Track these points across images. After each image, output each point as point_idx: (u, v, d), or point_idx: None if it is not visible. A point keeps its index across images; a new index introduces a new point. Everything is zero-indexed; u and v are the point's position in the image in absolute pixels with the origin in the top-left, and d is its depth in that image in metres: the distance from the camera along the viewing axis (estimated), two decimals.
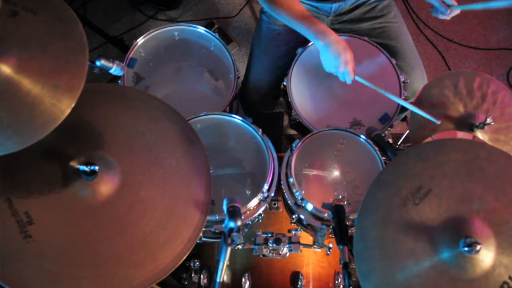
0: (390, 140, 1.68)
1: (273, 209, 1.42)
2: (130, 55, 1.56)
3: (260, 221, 1.36)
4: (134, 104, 1.10)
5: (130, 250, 0.93)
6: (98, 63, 1.15)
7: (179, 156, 1.05)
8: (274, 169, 1.29)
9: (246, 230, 1.36)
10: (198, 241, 1.26)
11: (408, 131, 1.72)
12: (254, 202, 1.24)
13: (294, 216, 1.30)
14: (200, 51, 1.71)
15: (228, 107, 1.53)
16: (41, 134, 0.85)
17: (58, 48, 0.90)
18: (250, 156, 1.51)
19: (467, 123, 1.27)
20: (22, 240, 0.89)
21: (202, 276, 1.39)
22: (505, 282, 0.82)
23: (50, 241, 0.91)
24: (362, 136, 1.34)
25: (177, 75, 1.78)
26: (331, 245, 1.25)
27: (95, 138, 1.01)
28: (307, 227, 1.34)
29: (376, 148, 1.31)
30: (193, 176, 1.04)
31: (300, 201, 1.25)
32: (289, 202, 1.28)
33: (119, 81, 1.52)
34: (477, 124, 1.24)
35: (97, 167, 0.92)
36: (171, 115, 1.10)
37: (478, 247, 0.79)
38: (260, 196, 1.25)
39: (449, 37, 2.58)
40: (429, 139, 1.21)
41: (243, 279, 1.30)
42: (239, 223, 0.97)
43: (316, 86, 1.55)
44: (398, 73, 1.54)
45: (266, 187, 1.26)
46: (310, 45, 1.57)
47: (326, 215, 1.22)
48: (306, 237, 1.40)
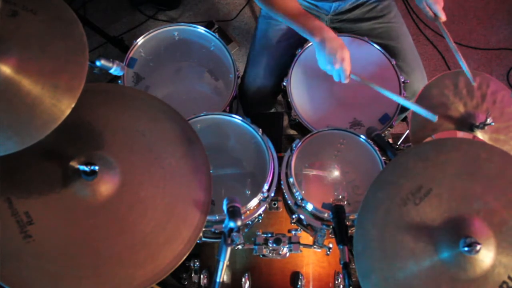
0: (390, 140, 1.68)
1: (273, 209, 1.42)
2: (130, 55, 1.56)
3: (260, 221, 1.35)
4: (134, 104, 1.10)
5: (130, 250, 0.93)
6: (98, 63, 1.15)
7: (179, 156, 1.05)
8: (274, 169, 1.29)
9: (246, 230, 1.36)
10: (198, 241, 1.25)
11: (408, 131, 1.71)
12: (254, 202, 1.24)
13: (294, 216, 1.30)
14: (200, 51, 1.71)
15: (228, 107, 1.53)
16: (41, 134, 0.85)
17: (58, 48, 0.90)
18: (250, 156, 1.51)
19: (467, 123, 1.27)
20: (22, 240, 0.89)
21: (202, 276, 1.39)
22: (504, 282, 0.82)
23: (50, 241, 0.91)
24: (362, 136, 1.34)
25: (177, 75, 1.78)
26: (331, 245, 1.25)
27: (95, 138, 1.01)
28: (307, 227, 1.34)
29: (376, 148, 1.31)
30: (193, 176, 1.04)
31: (300, 201, 1.25)
32: (289, 202, 1.28)
33: (119, 81, 1.52)
34: (477, 124, 1.24)
35: (97, 167, 0.92)
36: (171, 115, 1.10)
37: (478, 247, 0.79)
38: (260, 196, 1.25)
39: None
40: (429, 139, 1.21)
41: (243, 279, 1.30)
42: (239, 223, 0.97)
43: (316, 86, 1.55)
44: (398, 73, 1.54)
45: (266, 187, 1.26)
46: (309, 45, 1.57)
47: (326, 215, 1.22)
48: (306, 237, 1.39)
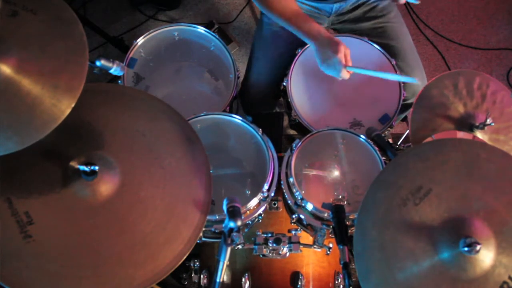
0: (390, 140, 1.68)
1: (273, 209, 1.42)
2: (130, 55, 1.56)
3: (260, 221, 1.36)
4: (134, 104, 1.10)
5: (130, 250, 0.93)
6: (98, 63, 1.15)
7: (179, 156, 1.05)
8: (274, 169, 1.29)
9: (246, 230, 1.36)
10: (198, 241, 1.25)
11: (408, 131, 1.72)
12: (254, 202, 1.24)
13: (294, 216, 1.30)
14: (200, 51, 1.71)
15: (228, 107, 1.53)
16: (41, 134, 0.85)
17: (58, 48, 0.90)
18: (250, 156, 1.51)
19: (467, 123, 1.27)
20: (22, 240, 0.89)
21: (202, 276, 1.39)
22: (505, 282, 0.82)
23: (50, 241, 0.91)
24: (362, 136, 1.34)
25: (177, 75, 1.78)
26: (331, 245, 1.25)
27: (95, 138, 1.01)
28: (307, 227, 1.34)
29: (376, 148, 1.31)
30: (193, 176, 1.04)
31: (300, 201, 1.25)
32: (289, 202, 1.28)
33: (119, 81, 1.52)
34: (477, 124, 1.24)
35: (97, 167, 0.92)
36: (171, 115, 1.10)
37: (478, 247, 0.79)
38: (260, 196, 1.25)
39: (449, 37, 2.58)
40: (429, 139, 1.21)
41: (243, 279, 1.30)
42: (239, 223, 0.97)
43: (316, 86, 1.55)
44: (398, 73, 1.54)
45: (266, 187, 1.26)
46: (309, 45, 1.57)
47: (326, 215, 1.22)
48: (306, 237, 1.39)
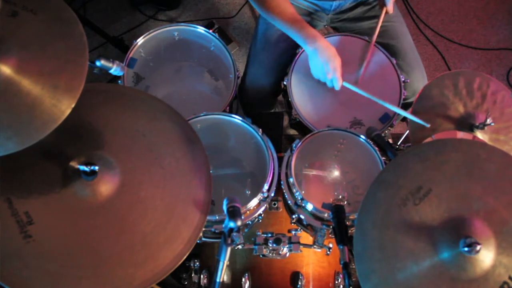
0: (390, 140, 1.68)
1: (273, 209, 1.42)
2: (130, 55, 1.56)
3: (260, 221, 1.36)
4: (134, 104, 1.10)
5: (130, 250, 0.93)
6: (98, 63, 1.15)
7: (179, 156, 1.05)
8: (274, 169, 1.29)
9: (246, 230, 1.36)
10: (198, 241, 1.25)
11: (408, 131, 1.71)
12: (254, 202, 1.24)
13: (294, 216, 1.30)
14: (200, 51, 1.71)
15: (228, 107, 1.53)
16: (41, 134, 0.85)
17: (58, 48, 0.90)
18: (250, 156, 1.51)
19: (467, 123, 1.27)
20: (22, 240, 0.89)
21: (202, 276, 1.39)
22: (505, 282, 0.82)
23: (50, 241, 0.91)
24: (362, 136, 1.34)
25: (177, 75, 1.78)
26: (331, 245, 1.25)
27: (95, 138, 1.01)
28: (307, 227, 1.34)
29: (376, 148, 1.31)
30: (193, 176, 1.04)
31: (300, 201, 1.25)
32: (289, 202, 1.28)
33: (119, 81, 1.52)
34: (477, 124, 1.24)
35: (97, 167, 0.92)
36: (171, 115, 1.10)
37: (478, 247, 0.79)
38: (260, 196, 1.25)
39: (449, 37, 2.58)
40: (429, 139, 1.21)
41: (243, 279, 1.30)
42: (239, 223, 0.97)
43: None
44: (398, 72, 1.54)
45: (266, 187, 1.26)
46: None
47: (326, 215, 1.22)
48: (306, 237, 1.39)
